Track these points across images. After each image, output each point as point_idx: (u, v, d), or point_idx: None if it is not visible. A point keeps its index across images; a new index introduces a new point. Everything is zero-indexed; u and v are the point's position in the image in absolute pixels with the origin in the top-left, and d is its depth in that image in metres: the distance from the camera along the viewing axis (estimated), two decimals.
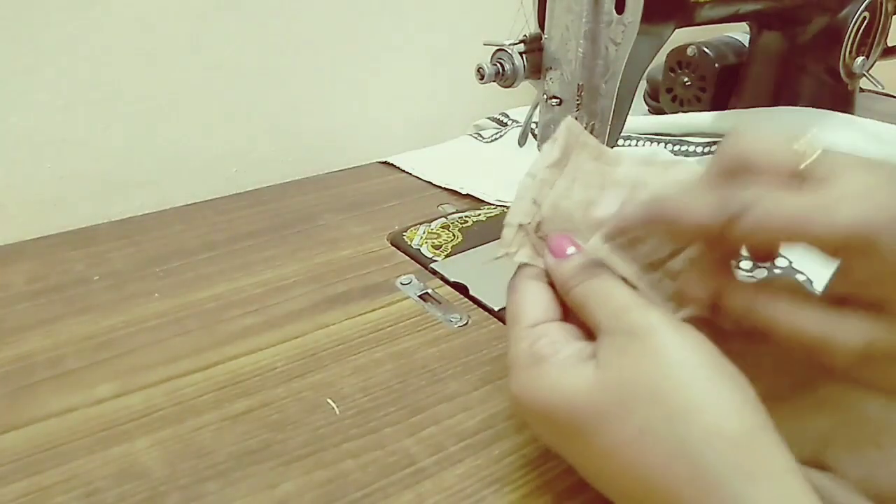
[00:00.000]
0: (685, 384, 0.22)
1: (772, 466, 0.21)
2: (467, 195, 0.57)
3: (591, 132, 0.43)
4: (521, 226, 0.29)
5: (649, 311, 0.25)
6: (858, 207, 0.22)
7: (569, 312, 0.28)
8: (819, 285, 0.39)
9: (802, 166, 0.24)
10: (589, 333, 0.27)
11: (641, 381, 0.23)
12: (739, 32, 0.67)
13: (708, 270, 0.27)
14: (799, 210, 0.23)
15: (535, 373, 0.26)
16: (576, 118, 0.43)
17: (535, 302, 0.28)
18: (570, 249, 0.28)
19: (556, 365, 0.25)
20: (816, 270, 0.39)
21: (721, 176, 0.25)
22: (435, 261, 0.47)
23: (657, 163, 0.30)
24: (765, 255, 0.28)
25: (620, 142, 0.61)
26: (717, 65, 0.65)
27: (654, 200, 0.27)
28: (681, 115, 0.64)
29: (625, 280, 0.27)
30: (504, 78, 0.43)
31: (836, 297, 0.25)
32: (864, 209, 0.22)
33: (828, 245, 0.23)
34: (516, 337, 0.27)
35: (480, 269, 0.46)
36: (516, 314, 0.28)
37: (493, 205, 0.56)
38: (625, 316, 0.25)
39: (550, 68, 0.42)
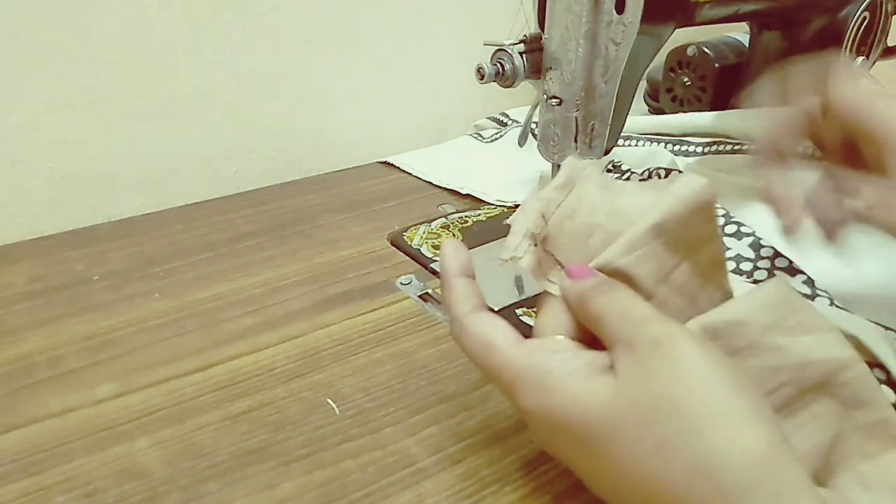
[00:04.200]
0: (706, 397, 0.22)
1: (791, 484, 0.21)
2: (467, 195, 0.57)
3: (591, 132, 0.43)
4: (531, 234, 0.29)
5: (669, 322, 0.24)
6: None
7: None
8: (819, 284, 0.39)
9: None
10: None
11: (662, 392, 0.22)
12: (739, 32, 0.67)
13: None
14: None
15: (546, 387, 0.25)
16: (576, 118, 0.43)
17: (500, 326, 0.27)
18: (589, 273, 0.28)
19: (568, 378, 0.25)
20: (814, 269, 0.39)
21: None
22: (435, 261, 0.47)
23: (659, 184, 0.30)
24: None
25: (620, 142, 0.61)
26: (717, 65, 0.65)
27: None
28: (681, 115, 0.64)
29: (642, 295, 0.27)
30: (504, 78, 0.43)
31: None
32: None
33: None
34: (507, 359, 0.26)
35: (481, 270, 0.46)
36: (488, 343, 0.27)
37: (492, 205, 0.56)
38: (644, 326, 0.24)
39: (550, 68, 0.42)
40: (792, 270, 0.40)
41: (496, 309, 0.41)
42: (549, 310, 0.28)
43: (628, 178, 0.51)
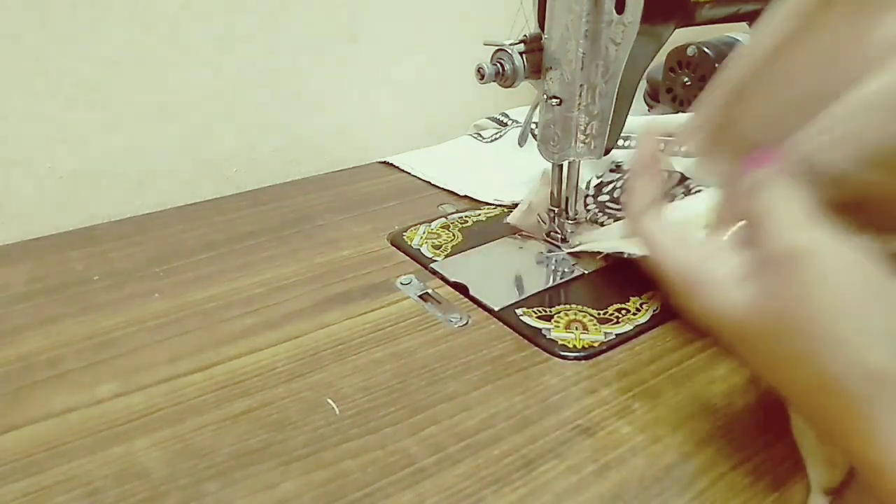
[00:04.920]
0: (835, 314, 0.23)
1: None
2: (467, 195, 0.58)
3: (591, 132, 0.43)
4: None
5: (817, 229, 0.24)
6: None
7: None
8: None
9: None
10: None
11: (794, 308, 0.23)
12: (739, 32, 0.67)
13: None
14: None
15: (701, 292, 0.27)
16: (576, 118, 0.43)
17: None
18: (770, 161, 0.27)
19: (716, 285, 0.26)
20: None
21: None
22: (435, 261, 0.47)
23: None
24: None
25: (620, 142, 0.61)
26: (717, 65, 0.65)
27: None
28: (681, 115, 0.64)
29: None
30: (504, 78, 0.43)
31: None
32: None
33: None
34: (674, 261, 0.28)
35: (481, 269, 0.46)
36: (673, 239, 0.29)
37: (492, 205, 0.56)
38: (789, 234, 0.24)
39: (550, 68, 0.42)
40: None
41: (496, 309, 0.41)
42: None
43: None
